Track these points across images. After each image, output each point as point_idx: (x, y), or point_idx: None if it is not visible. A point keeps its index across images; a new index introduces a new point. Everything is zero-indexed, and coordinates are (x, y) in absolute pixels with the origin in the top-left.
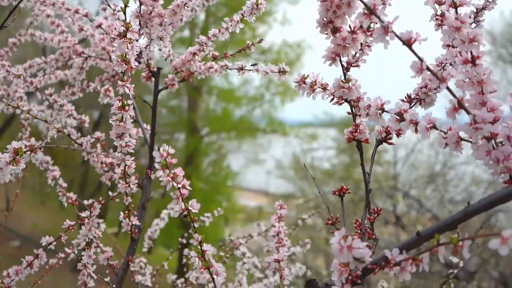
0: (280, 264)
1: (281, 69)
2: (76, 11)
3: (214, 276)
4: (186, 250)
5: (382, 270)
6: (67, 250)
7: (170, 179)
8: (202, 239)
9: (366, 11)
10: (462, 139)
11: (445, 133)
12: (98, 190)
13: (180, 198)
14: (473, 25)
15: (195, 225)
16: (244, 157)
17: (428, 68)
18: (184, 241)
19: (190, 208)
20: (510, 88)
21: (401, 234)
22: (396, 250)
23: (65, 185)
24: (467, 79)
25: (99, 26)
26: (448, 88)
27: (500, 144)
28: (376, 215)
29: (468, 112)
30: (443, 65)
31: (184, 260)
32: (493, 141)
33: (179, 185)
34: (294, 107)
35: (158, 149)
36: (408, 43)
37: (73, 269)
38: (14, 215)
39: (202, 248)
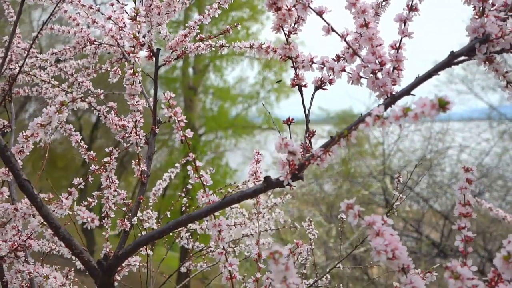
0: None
1: (251, 44)
2: (90, 7)
3: (204, 183)
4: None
5: (311, 164)
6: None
7: (173, 114)
8: (195, 157)
9: None
10: (361, 76)
11: (351, 74)
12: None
13: (179, 127)
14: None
15: (189, 148)
16: (241, 154)
17: (332, 29)
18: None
19: (186, 134)
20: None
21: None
22: (318, 149)
23: (86, 146)
24: (362, 37)
25: (109, 18)
26: (346, 42)
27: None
28: (312, 134)
29: (359, 56)
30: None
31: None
32: (380, 75)
33: (179, 119)
34: (290, 104)
35: (164, 93)
36: (320, 13)
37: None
38: None
39: (196, 164)
